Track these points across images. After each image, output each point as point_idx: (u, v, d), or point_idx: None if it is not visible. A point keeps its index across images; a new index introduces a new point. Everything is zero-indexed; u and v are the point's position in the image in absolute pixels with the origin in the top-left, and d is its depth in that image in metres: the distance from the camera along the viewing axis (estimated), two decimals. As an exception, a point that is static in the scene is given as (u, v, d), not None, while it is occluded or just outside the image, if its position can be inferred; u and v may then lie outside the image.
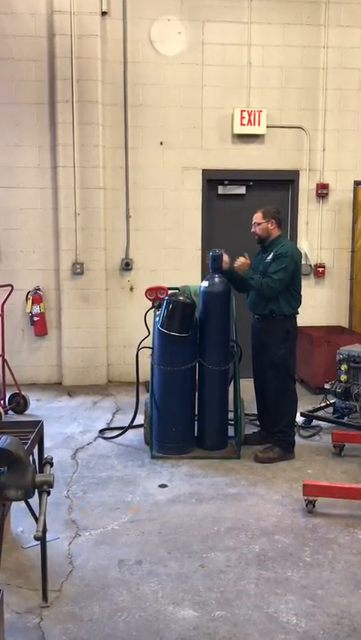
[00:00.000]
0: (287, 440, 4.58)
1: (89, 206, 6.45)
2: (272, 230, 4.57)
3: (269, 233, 4.57)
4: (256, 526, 3.54)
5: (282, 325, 4.48)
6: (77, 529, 3.50)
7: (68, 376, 6.64)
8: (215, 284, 4.54)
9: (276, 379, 4.52)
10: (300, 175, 6.78)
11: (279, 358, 4.46)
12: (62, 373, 6.67)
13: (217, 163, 6.65)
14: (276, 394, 4.54)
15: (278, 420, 4.55)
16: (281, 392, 4.52)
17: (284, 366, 4.49)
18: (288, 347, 4.50)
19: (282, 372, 4.50)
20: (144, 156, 6.58)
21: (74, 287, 6.54)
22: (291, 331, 4.52)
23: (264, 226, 4.56)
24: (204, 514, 3.69)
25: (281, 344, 4.47)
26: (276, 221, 4.58)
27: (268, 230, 4.57)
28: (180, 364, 4.48)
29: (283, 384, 4.52)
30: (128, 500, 3.87)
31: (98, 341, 6.63)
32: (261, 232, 4.58)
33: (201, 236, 6.72)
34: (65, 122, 6.31)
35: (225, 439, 4.71)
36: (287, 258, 4.42)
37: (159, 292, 4.69)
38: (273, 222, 4.57)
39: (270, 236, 4.58)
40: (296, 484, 4.02)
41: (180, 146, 6.61)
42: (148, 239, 6.68)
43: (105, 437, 5.00)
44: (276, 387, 4.53)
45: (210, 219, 6.72)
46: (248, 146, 6.67)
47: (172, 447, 4.57)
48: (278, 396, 4.53)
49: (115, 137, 6.51)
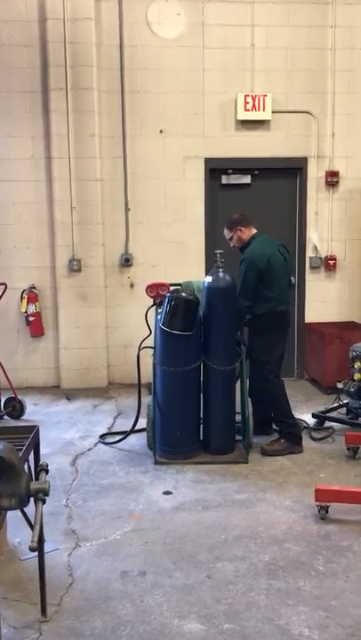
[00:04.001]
0: (291, 431, 4.72)
1: (86, 199, 6.45)
2: (243, 236, 4.84)
3: (243, 240, 4.83)
4: (266, 534, 3.54)
5: (265, 321, 4.70)
6: (77, 539, 3.51)
7: (67, 378, 6.65)
8: (220, 279, 4.54)
9: (257, 376, 4.75)
10: (308, 162, 6.76)
11: (260, 353, 4.68)
12: (60, 376, 6.68)
13: (220, 151, 6.64)
14: (262, 389, 4.78)
15: (276, 413, 4.79)
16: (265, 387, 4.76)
17: (266, 362, 4.69)
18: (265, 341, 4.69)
19: (263, 369, 4.71)
20: (143, 144, 6.58)
21: (71, 285, 6.54)
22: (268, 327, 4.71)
23: (235, 237, 4.86)
24: (211, 522, 3.69)
25: (262, 337, 4.69)
26: (242, 226, 4.83)
27: (240, 238, 4.86)
28: (183, 365, 4.48)
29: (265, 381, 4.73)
30: (131, 509, 3.87)
31: (97, 341, 6.64)
32: (238, 243, 4.89)
33: (204, 228, 6.71)
34: (59, 110, 6.31)
35: (232, 443, 4.72)
36: (245, 266, 4.67)
37: (161, 288, 4.69)
38: (240, 229, 4.83)
39: (245, 240, 4.85)
40: (308, 489, 4.01)
41: (181, 133, 6.60)
42: (148, 233, 6.67)
43: (106, 443, 5.00)
44: (259, 384, 4.77)
45: (213, 210, 6.71)
46: (253, 132, 6.66)
47: (177, 452, 4.58)
48: (265, 393, 4.78)
49: (112, 125, 6.51)
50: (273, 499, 3.99)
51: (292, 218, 6.91)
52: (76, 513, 3.82)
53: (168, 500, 3.98)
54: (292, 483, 4.23)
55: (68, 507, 3.90)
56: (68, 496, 4.04)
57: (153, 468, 4.48)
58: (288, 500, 3.95)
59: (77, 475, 4.39)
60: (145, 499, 4.00)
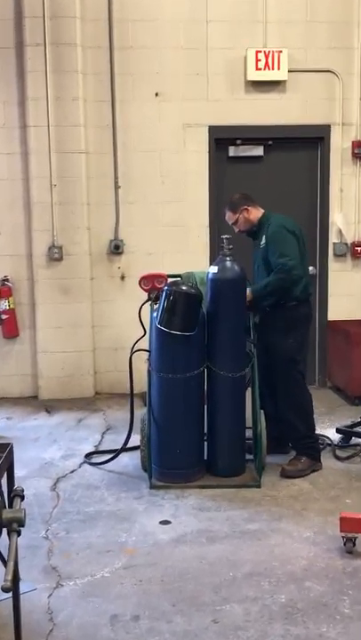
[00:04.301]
0: (315, 445, 4.75)
1: (68, 175, 6.45)
2: (251, 216, 4.84)
3: (251, 221, 4.83)
4: (282, 571, 3.54)
5: (294, 312, 4.69)
6: (59, 577, 3.50)
7: (46, 387, 6.66)
8: (226, 269, 4.54)
9: (282, 376, 4.72)
10: (331, 131, 6.76)
11: (287, 351, 4.65)
12: (38, 384, 6.69)
13: (227, 117, 6.64)
14: (286, 394, 4.73)
15: (298, 424, 4.71)
16: (291, 392, 4.72)
17: (293, 361, 4.68)
18: (300, 337, 4.71)
19: (290, 368, 4.69)
20: (136, 110, 6.57)
21: (51, 276, 6.54)
22: (299, 319, 4.72)
23: (242, 219, 4.84)
24: (217, 556, 3.69)
25: (289, 334, 4.66)
26: (248, 205, 4.83)
27: (248, 220, 4.84)
28: (184, 370, 4.48)
29: (290, 382, 4.71)
30: (122, 541, 3.87)
31: (82, 344, 6.64)
32: (244, 226, 4.86)
33: (209, 209, 6.71)
34: (36, 70, 6.30)
35: (242, 463, 4.72)
36: (280, 231, 4.64)
37: (157, 280, 4.70)
38: (246, 208, 4.82)
39: (255, 222, 4.82)
40: (331, 518, 4.01)
41: (181, 97, 6.60)
42: (142, 215, 6.67)
43: (93, 463, 5.00)
44: (284, 386, 4.72)
45: (219, 187, 6.70)
46: (265, 96, 6.65)
47: (176, 474, 4.57)
48: (289, 396, 4.72)
49: (98, 88, 6.50)
50: (290, 529, 3.98)
51: (312, 197, 6.90)
52: (58, 546, 3.81)
53: (166, 531, 3.97)
54: (312, 510, 4.22)
55: (47, 539, 3.89)
56: (47, 526, 4.04)
57: (148, 493, 4.48)
58: (308, 531, 3.95)
59: (59, 501, 4.39)
60: (139, 529, 4.00)
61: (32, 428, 5.85)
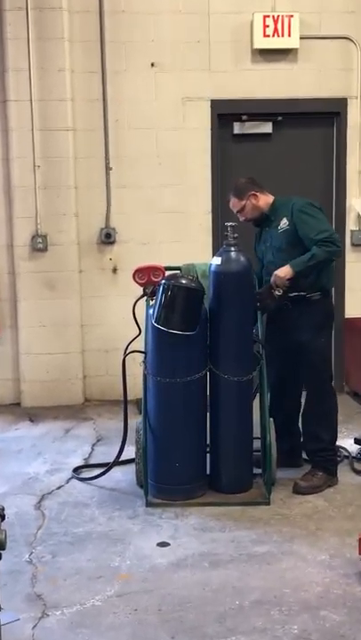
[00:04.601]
0: (334, 459, 4.79)
1: (53, 155, 6.46)
2: (260, 203, 4.80)
3: (260, 207, 4.81)
4: (294, 598, 3.54)
5: (320, 307, 4.69)
6: (45, 606, 3.50)
7: (29, 393, 6.68)
8: (231, 261, 4.53)
9: (314, 380, 4.71)
10: (348, 105, 6.78)
11: (319, 350, 4.65)
12: (21, 390, 6.71)
13: (232, 90, 6.65)
14: (316, 400, 4.70)
15: (323, 434, 4.71)
16: (322, 397, 4.70)
17: (326, 361, 4.73)
18: (329, 334, 4.77)
19: (323, 370, 4.70)
20: (129, 83, 6.58)
21: (34, 269, 6.56)
22: (331, 312, 4.81)
23: (249, 206, 4.80)
24: (221, 582, 3.69)
25: (321, 331, 4.67)
26: (257, 190, 4.81)
27: (256, 208, 4.81)
28: (183, 374, 4.48)
29: (324, 386, 4.71)
30: (115, 566, 3.87)
31: (69, 344, 6.66)
32: (252, 213, 4.83)
33: (211, 193, 6.73)
34: (17, 37, 6.32)
35: (249, 478, 4.72)
36: (310, 208, 4.65)
37: (153, 273, 4.69)
38: (254, 194, 4.80)
39: (264, 208, 4.80)
40: (349, 539, 4.01)
41: (180, 68, 6.60)
42: (136, 200, 6.68)
43: (82, 478, 5.01)
44: (316, 390, 4.71)
45: (223, 168, 6.72)
46: (275, 66, 6.66)
47: (176, 490, 4.58)
48: (319, 402, 4.70)
49: (87, 57, 6.51)
50: (303, 551, 3.98)
51: (327, 179, 6.92)
52: (43, 572, 3.81)
53: (164, 554, 3.97)
54: (328, 530, 4.22)
55: (31, 563, 3.89)
56: (31, 549, 4.04)
57: (144, 512, 4.48)
58: (323, 554, 3.95)
59: (44, 521, 4.39)
60: (133, 552, 4.00)
61: (14, 439, 5.86)
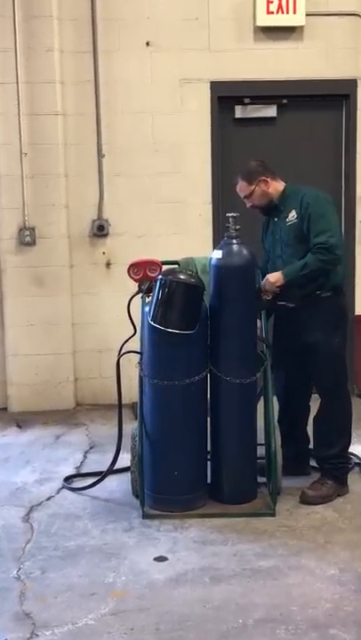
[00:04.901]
0: (345, 467, 4.79)
1: (41, 142, 6.46)
2: (270, 190, 4.77)
3: (270, 194, 4.78)
4: (302, 616, 3.53)
5: (332, 305, 4.67)
6: (34, 626, 3.49)
7: (17, 398, 6.69)
8: (233, 254, 4.54)
9: (326, 383, 4.73)
10: (358, 87, 6.79)
11: (333, 351, 4.66)
12: (8, 394, 6.73)
13: (233, 71, 6.65)
14: (330, 404, 4.73)
15: (335, 440, 4.73)
16: (335, 401, 4.73)
17: (341, 362, 4.73)
18: (343, 334, 4.75)
19: (338, 371, 4.72)
20: (123, 63, 6.59)
21: (22, 264, 6.56)
22: (345, 311, 4.78)
23: (258, 192, 4.76)
24: (224, 599, 3.68)
25: (335, 331, 4.67)
26: (268, 176, 4.78)
27: (265, 194, 4.78)
28: (182, 377, 4.47)
29: (337, 389, 4.73)
30: (109, 582, 3.86)
31: (60, 345, 6.66)
32: (260, 200, 4.79)
33: (211, 182, 6.73)
34: (2, 15, 6.34)
35: (253, 487, 4.72)
36: (320, 203, 4.62)
37: (149, 268, 4.69)
38: (265, 179, 4.77)
39: (273, 196, 4.78)
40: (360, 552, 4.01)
41: (177, 47, 6.61)
42: (131, 189, 6.69)
43: (73, 488, 5.01)
44: (328, 394, 4.73)
45: (224, 155, 6.72)
46: (279, 45, 6.67)
47: (174, 500, 4.58)
48: (332, 406, 4.73)
49: (78, 36, 6.52)
50: (311, 565, 3.97)
51: (336, 166, 6.93)
52: (32, 588, 3.80)
53: (162, 570, 3.96)
54: (338, 543, 4.22)
55: (19, 580, 3.88)
56: (19, 565, 4.03)
57: (140, 524, 4.47)
58: (333, 568, 3.94)
59: (33, 534, 4.38)
60: (129, 568, 3.99)
61: (0, 446, 5.86)
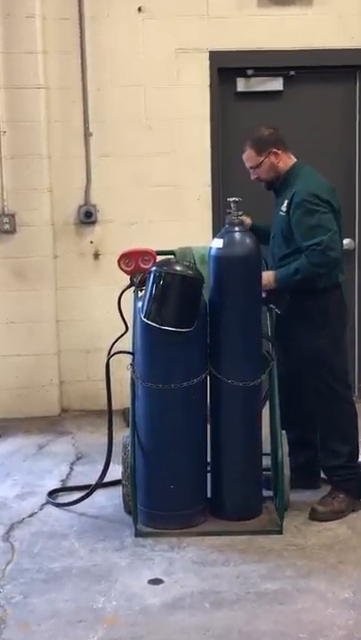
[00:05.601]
0: (354, 478, 4.76)
1: (21, 118, 6.48)
2: (280, 163, 4.76)
3: (278, 169, 4.77)
4: (312, 644, 3.56)
5: (319, 304, 4.67)
6: (15, 656, 3.52)
7: (-4, 403, 6.69)
8: (235, 244, 4.54)
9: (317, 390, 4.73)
10: (372, 57, 6.79)
11: (316, 356, 4.66)
12: (-15, 399, 6.73)
13: (234, 40, 6.65)
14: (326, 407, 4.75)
15: (340, 449, 4.73)
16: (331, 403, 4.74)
17: (326, 368, 4.70)
18: (330, 334, 4.68)
19: (324, 377, 4.70)
20: (112, 31, 6.58)
21: (0, 254, 6.56)
22: (332, 310, 4.70)
23: (266, 164, 4.75)
24: (226, 626, 3.69)
25: (326, 329, 4.66)
26: (279, 147, 4.75)
27: (274, 168, 4.77)
28: (179, 379, 4.48)
29: (331, 390, 4.72)
30: (99, 607, 3.86)
31: (43, 345, 6.67)
32: (267, 174, 4.79)
33: (211, 163, 6.74)
34: (-23, -22, 6.33)
35: (257, 501, 4.73)
36: (309, 200, 4.56)
37: (142, 258, 4.70)
38: (275, 151, 4.74)
39: (282, 171, 4.77)
40: (377, 573, 4.05)
41: (173, 13, 6.61)
42: (122, 171, 6.69)
43: (58, 504, 5.02)
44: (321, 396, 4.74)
45: (225, 133, 6.74)
46: (285, 11, 6.67)
47: (171, 517, 4.59)
48: (328, 410, 4.75)
49: (62, 1, 6.51)
50: (322, 588, 3.98)
51: (349, 144, 6.95)
52: (13, 615, 3.80)
53: (157, 594, 3.97)
54: (351, 563, 4.22)
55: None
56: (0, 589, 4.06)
57: (133, 543, 4.48)
58: (346, 591, 3.95)
59: (14, 555, 4.39)
60: (121, 591, 3.99)
61: (-23, 457, 5.89)
